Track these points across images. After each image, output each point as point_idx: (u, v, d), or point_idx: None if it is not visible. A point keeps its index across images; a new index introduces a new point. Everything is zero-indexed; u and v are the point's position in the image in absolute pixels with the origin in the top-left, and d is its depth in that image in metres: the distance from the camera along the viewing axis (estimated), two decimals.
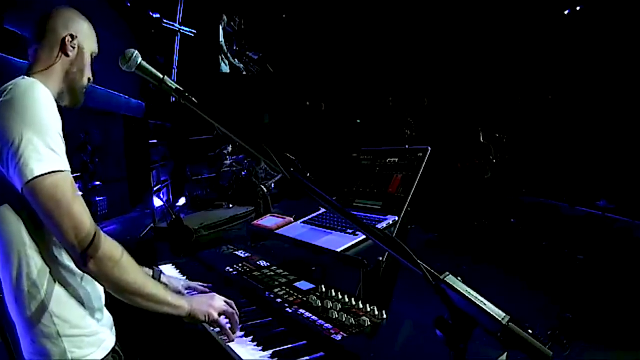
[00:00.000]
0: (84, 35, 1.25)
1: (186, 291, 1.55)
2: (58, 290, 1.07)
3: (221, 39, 10.00)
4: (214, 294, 1.27)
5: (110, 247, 1.04)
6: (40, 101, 1.04)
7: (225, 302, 1.23)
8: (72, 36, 1.21)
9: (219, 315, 1.19)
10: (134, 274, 1.08)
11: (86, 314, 1.12)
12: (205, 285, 1.59)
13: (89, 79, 1.28)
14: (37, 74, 1.17)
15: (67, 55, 1.21)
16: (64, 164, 1.03)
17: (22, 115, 1.00)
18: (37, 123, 1.01)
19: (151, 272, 1.53)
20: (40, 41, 1.20)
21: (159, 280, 1.51)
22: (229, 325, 1.20)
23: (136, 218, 6.42)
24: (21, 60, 3.96)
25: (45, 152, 0.99)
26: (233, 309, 1.23)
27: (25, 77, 1.13)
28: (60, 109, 1.13)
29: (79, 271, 1.09)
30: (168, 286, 1.51)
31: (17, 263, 1.05)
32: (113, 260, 1.04)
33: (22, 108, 1.01)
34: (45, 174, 0.98)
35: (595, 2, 7.32)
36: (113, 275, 1.05)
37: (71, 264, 1.10)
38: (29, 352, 1.09)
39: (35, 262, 1.06)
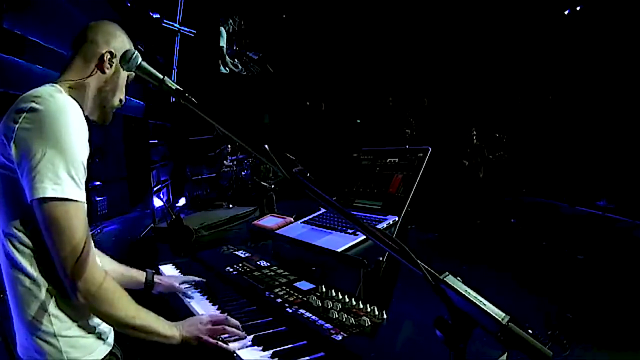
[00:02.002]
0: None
1: (182, 286, 1.58)
2: (57, 290, 1.07)
3: (222, 43, 10.01)
4: (204, 316, 1.25)
5: (102, 284, 1.04)
6: (72, 126, 1.01)
7: (214, 322, 1.20)
8: (111, 53, 1.18)
9: (211, 335, 1.17)
10: (124, 309, 1.08)
11: (84, 315, 1.12)
12: (199, 280, 1.62)
13: (120, 100, 1.25)
14: (68, 83, 1.14)
15: (103, 72, 1.18)
16: (79, 194, 1.01)
17: (51, 133, 0.98)
18: (64, 148, 0.98)
19: (145, 275, 1.54)
20: (77, 50, 1.17)
21: (152, 281, 1.54)
22: (227, 336, 1.19)
23: (136, 218, 6.42)
24: (21, 61, 3.96)
25: (63, 176, 0.98)
26: (225, 322, 1.20)
27: (58, 86, 1.09)
28: None
29: None
30: (161, 284, 1.55)
31: (19, 261, 1.05)
32: (102, 298, 1.04)
33: (53, 127, 0.98)
34: (57, 198, 0.97)
35: (595, 2, 7.32)
36: (101, 310, 1.06)
37: None
38: (24, 349, 1.10)
39: (36, 262, 1.06)
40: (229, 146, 7.59)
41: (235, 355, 1.13)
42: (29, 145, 0.97)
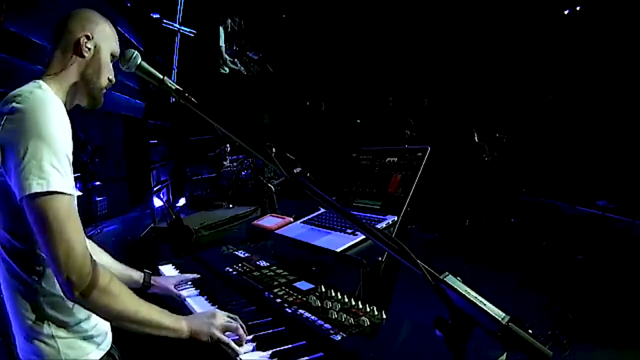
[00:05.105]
0: (103, 36, 1.20)
1: (178, 287, 1.59)
2: (53, 291, 1.06)
3: (221, 43, 10.00)
4: (216, 310, 1.22)
5: (99, 277, 1.01)
6: (53, 120, 1.00)
7: (229, 317, 1.20)
8: (87, 37, 1.17)
9: (223, 332, 1.16)
10: (124, 302, 1.05)
11: (81, 316, 1.12)
12: (194, 277, 1.65)
13: (109, 80, 1.23)
14: (50, 77, 1.13)
15: (82, 57, 1.16)
16: (66, 187, 0.99)
17: (32, 129, 0.97)
18: (46, 142, 0.97)
19: (142, 276, 1.54)
20: (56, 43, 1.17)
21: (149, 282, 1.54)
22: (235, 337, 1.18)
23: (136, 218, 6.41)
24: (21, 61, 3.96)
25: (48, 170, 0.96)
26: (237, 322, 1.19)
27: (40, 82, 1.08)
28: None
29: None
30: (156, 285, 1.55)
31: (14, 265, 1.05)
32: (100, 292, 1.00)
33: (34, 123, 0.98)
34: (43, 193, 0.95)
35: (595, 2, 7.32)
36: (101, 305, 1.02)
37: None
38: (23, 351, 1.09)
39: (31, 265, 1.05)
40: (229, 146, 7.59)
41: (235, 354, 1.13)
42: (13, 144, 0.97)
